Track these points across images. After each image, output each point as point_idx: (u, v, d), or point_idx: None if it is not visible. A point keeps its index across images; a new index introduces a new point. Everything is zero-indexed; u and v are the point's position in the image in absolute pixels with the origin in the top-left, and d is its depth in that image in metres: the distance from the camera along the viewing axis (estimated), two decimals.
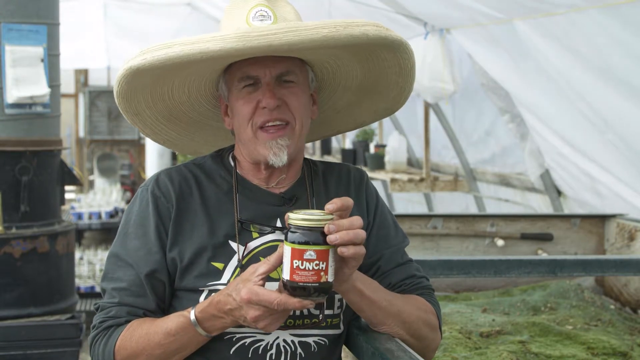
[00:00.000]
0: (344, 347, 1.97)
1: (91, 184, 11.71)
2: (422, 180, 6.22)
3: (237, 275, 1.78)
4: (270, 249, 1.80)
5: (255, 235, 1.84)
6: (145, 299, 1.81)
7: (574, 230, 3.71)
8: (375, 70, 1.91)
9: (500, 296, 3.44)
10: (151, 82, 1.84)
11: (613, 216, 3.67)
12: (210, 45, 1.64)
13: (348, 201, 1.65)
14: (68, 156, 13.20)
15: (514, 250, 3.67)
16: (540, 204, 5.27)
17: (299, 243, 1.58)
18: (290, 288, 1.59)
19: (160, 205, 1.84)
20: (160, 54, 1.68)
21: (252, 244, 1.83)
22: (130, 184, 10.36)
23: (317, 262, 1.57)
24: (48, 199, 4.33)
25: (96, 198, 8.82)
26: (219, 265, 1.81)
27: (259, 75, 1.81)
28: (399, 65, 1.88)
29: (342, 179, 1.98)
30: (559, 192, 4.99)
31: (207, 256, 1.81)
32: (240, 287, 1.64)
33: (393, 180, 6.28)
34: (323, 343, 1.85)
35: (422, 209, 7.53)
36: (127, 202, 9.64)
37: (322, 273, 1.58)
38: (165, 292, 1.83)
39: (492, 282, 3.61)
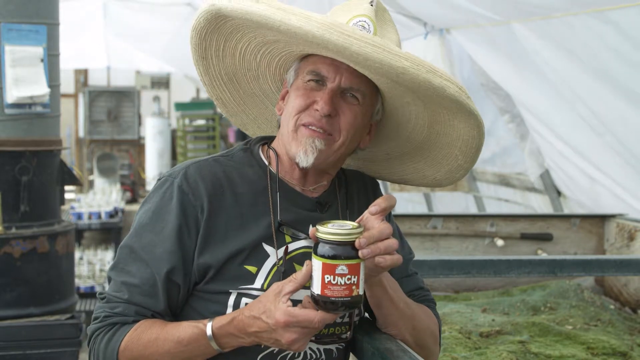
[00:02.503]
0: None
1: (91, 184, 11.71)
2: None
3: (272, 277, 1.73)
4: (304, 255, 1.76)
5: (288, 239, 1.78)
6: (155, 300, 1.74)
7: (573, 230, 3.71)
8: (440, 136, 1.84)
9: (500, 296, 3.45)
10: (229, 30, 1.78)
11: (613, 216, 3.68)
12: (293, 18, 1.58)
13: (392, 200, 1.63)
14: (68, 156, 13.20)
15: (513, 250, 3.67)
16: (540, 204, 5.27)
17: (330, 257, 1.53)
18: (322, 302, 1.55)
19: (186, 202, 1.74)
20: (244, 5, 1.63)
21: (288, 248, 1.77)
22: (130, 184, 10.34)
23: (349, 276, 1.53)
24: (48, 199, 4.32)
25: (96, 198, 8.81)
26: (252, 268, 1.74)
27: (328, 77, 1.75)
28: (463, 141, 1.82)
29: (361, 186, 1.95)
30: (559, 192, 4.98)
31: (240, 259, 1.74)
32: (270, 308, 1.59)
33: None
34: (341, 348, 1.87)
35: (422, 209, 7.51)
36: (127, 202, 9.63)
37: (353, 287, 1.54)
38: (178, 295, 1.76)
39: (492, 282, 3.61)
